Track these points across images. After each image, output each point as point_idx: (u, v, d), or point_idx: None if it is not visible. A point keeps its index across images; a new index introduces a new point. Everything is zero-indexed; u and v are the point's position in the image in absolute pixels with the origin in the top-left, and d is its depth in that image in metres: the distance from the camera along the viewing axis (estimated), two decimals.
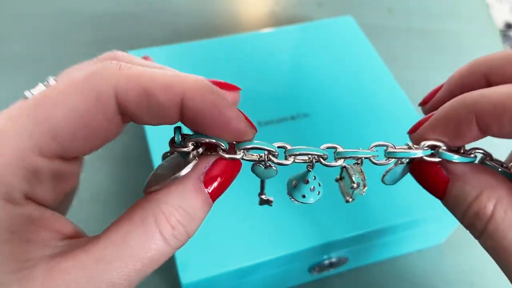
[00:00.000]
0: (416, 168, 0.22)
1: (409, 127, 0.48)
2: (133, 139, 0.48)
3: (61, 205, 0.20)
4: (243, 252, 0.34)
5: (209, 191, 0.19)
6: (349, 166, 0.22)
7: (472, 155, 0.21)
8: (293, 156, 0.21)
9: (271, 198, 0.24)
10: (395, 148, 0.22)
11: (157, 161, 0.39)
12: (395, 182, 0.23)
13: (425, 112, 0.25)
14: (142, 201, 0.18)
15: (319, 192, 0.22)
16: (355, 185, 0.22)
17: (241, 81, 0.46)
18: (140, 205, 0.18)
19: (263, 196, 0.24)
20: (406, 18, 0.64)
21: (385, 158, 0.21)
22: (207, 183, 0.19)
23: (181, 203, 0.18)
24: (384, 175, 0.22)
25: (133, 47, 0.48)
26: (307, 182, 0.21)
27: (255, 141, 0.20)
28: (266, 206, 0.37)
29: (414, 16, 0.64)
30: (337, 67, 0.48)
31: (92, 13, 0.62)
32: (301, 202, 0.22)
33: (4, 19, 0.61)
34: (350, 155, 0.21)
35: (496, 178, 0.20)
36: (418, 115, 0.43)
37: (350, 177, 0.22)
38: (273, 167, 0.21)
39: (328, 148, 0.21)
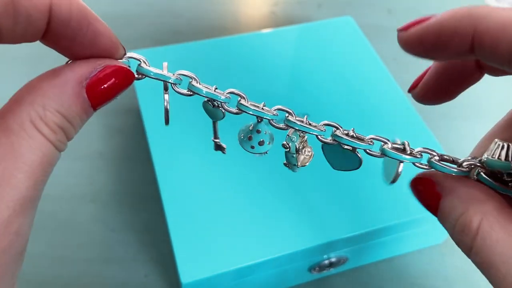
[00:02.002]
0: (414, 184, 0.22)
1: (408, 126, 0.48)
2: (133, 139, 0.48)
3: None
4: (243, 252, 0.34)
5: (91, 98, 0.18)
6: (293, 132, 0.21)
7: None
8: (243, 111, 0.21)
9: (223, 145, 0.23)
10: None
11: (157, 161, 0.39)
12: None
13: (416, 97, 0.25)
14: (10, 105, 0.17)
15: (269, 142, 0.21)
16: (286, 145, 0.21)
17: (241, 82, 0.46)
18: (10, 110, 0.16)
19: (216, 141, 0.23)
20: (405, 19, 0.64)
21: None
22: (90, 90, 0.18)
23: (59, 108, 0.17)
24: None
25: (133, 48, 0.48)
26: (259, 132, 0.21)
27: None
28: (263, 205, 0.37)
29: (413, 17, 0.64)
30: (336, 68, 0.48)
31: None
32: (250, 152, 0.21)
33: None
34: (297, 127, 0.21)
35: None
36: (417, 115, 0.43)
37: (288, 138, 0.21)
38: (221, 109, 0.21)
39: (278, 110, 0.21)
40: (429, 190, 0.21)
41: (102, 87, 0.18)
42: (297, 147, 0.21)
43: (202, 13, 0.64)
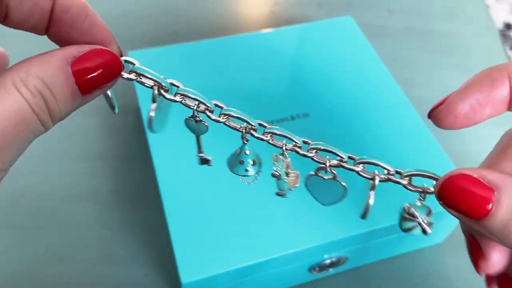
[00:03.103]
0: (448, 188, 0.19)
1: (408, 126, 0.48)
2: (133, 139, 0.48)
3: None
4: (243, 252, 0.34)
5: (79, 80, 0.18)
6: (274, 156, 0.22)
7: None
8: (226, 116, 0.21)
9: (209, 158, 0.24)
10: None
11: (157, 160, 0.39)
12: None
13: (436, 119, 0.23)
14: (2, 72, 0.18)
15: (254, 170, 0.22)
16: (276, 174, 0.21)
17: (241, 82, 0.46)
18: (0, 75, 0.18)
19: (201, 155, 0.24)
20: (405, 19, 0.64)
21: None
22: (77, 70, 0.18)
23: (41, 75, 0.18)
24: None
25: (134, 48, 0.48)
26: (242, 162, 0.22)
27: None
28: (263, 205, 0.37)
29: (413, 17, 0.65)
30: (337, 68, 0.48)
31: None
32: (242, 176, 0.22)
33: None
34: (277, 131, 0.21)
35: None
36: (417, 115, 0.43)
37: (275, 166, 0.22)
38: (204, 123, 0.21)
39: (259, 124, 0.21)
40: (475, 189, 0.18)
41: (88, 66, 0.19)
42: (285, 171, 0.21)
43: (202, 13, 0.64)
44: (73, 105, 0.19)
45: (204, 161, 0.24)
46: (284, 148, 0.21)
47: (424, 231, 0.21)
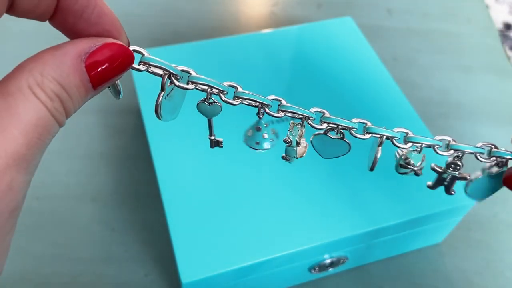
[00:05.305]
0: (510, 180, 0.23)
1: (407, 126, 0.48)
2: (134, 139, 0.48)
3: None
4: (243, 252, 0.34)
5: (90, 72, 0.18)
6: (291, 123, 0.22)
7: None
8: (241, 99, 0.21)
9: (220, 139, 0.24)
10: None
11: (157, 160, 0.39)
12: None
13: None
14: (13, 72, 0.18)
15: (272, 140, 0.23)
16: (288, 140, 0.22)
17: (241, 82, 0.46)
18: (12, 76, 0.17)
19: (212, 138, 0.24)
20: (405, 19, 0.64)
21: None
22: (89, 65, 0.18)
23: (57, 77, 0.17)
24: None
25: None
26: (259, 129, 0.22)
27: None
28: (263, 205, 0.37)
29: (413, 17, 0.65)
30: (336, 68, 0.48)
31: None
32: (255, 149, 0.23)
33: (5, 20, 0.62)
34: (291, 110, 0.22)
35: None
36: (416, 115, 0.43)
37: (290, 133, 0.22)
38: (218, 104, 0.21)
39: (273, 99, 0.22)
40: None
41: (101, 60, 0.18)
42: (297, 141, 0.22)
43: (202, 13, 0.64)
44: (86, 100, 0.19)
45: (216, 144, 0.24)
46: (303, 120, 0.22)
47: (416, 175, 0.23)
